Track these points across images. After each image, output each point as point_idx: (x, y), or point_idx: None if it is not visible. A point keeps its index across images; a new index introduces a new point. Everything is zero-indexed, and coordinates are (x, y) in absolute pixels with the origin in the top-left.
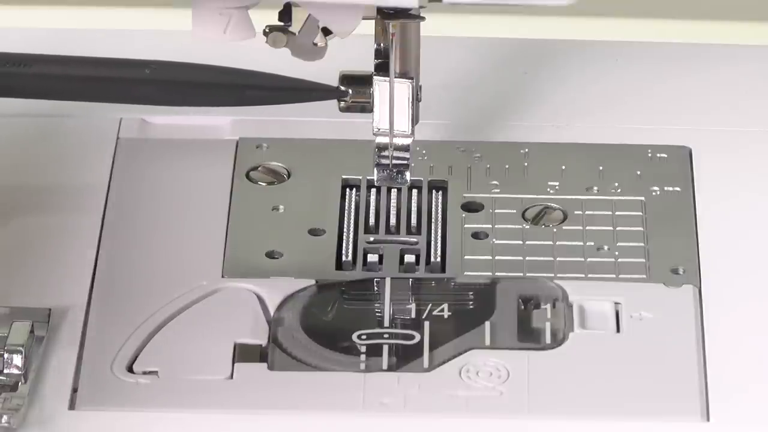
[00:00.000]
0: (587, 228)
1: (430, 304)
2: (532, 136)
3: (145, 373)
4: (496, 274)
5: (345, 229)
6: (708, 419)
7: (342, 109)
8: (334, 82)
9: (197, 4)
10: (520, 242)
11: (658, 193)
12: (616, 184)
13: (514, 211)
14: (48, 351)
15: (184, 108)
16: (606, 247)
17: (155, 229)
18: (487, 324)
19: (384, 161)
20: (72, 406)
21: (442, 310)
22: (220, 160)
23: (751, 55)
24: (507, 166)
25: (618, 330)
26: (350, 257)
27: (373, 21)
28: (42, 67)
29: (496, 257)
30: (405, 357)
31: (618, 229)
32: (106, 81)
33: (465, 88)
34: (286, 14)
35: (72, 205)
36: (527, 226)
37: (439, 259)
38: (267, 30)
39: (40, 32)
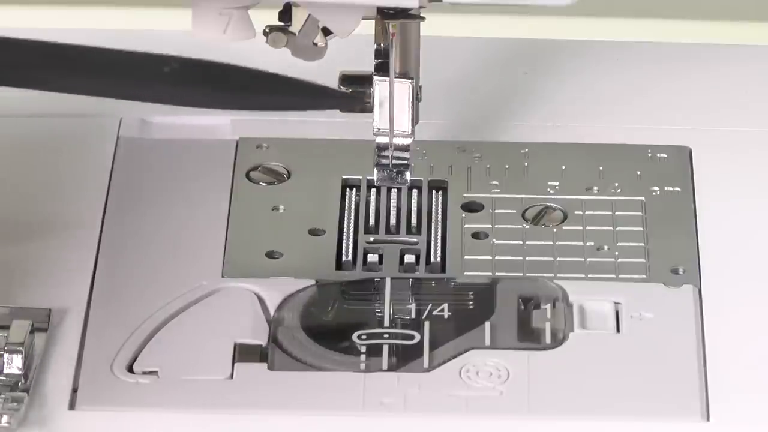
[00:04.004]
0: (587, 228)
1: (430, 304)
2: (532, 136)
3: (145, 373)
4: (496, 274)
5: (345, 229)
6: (708, 419)
7: (342, 109)
8: (334, 82)
9: (197, 4)
10: (520, 242)
11: (658, 193)
12: (616, 184)
13: (514, 211)
14: (48, 351)
15: (185, 108)
16: (606, 247)
17: (155, 230)
18: (487, 324)
19: (384, 161)
20: (72, 406)
21: (442, 310)
22: (220, 160)
23: (751, 55)
24: (507, 166)
25: (618, 330)
26: (350, 257)
27: (373, 21)
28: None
29: (496, 257)
30: (405, 357)
31: (618, 229)
32: (120, 77)
33: (465, 88)
34: (286, 14)
35: (72, 206)
36: (527, 226)
37: (439, 259)
38: (267, 30)
39: (38, 32)
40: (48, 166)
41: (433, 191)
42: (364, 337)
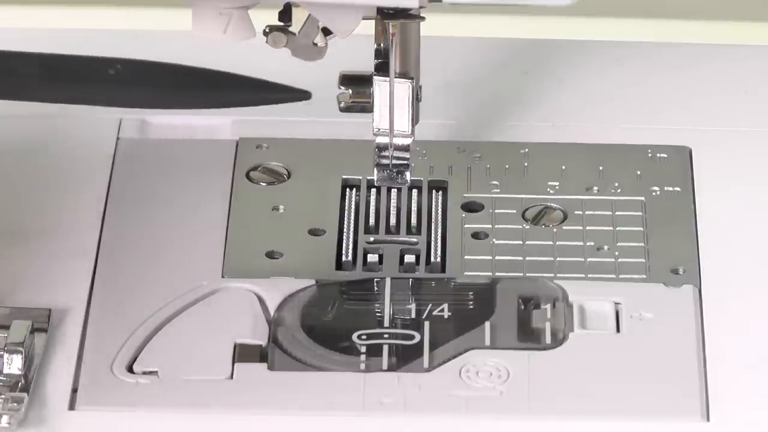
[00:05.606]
0: (587, 228)
1: (430, 304)
2: (532, 136)
3: (145, 373)
4: (496, 274)
5: (345, 229)
6: (708, 419)
7: (342, 109)
8: (334, 81)
9: (197, 4)
10: (520, 242)
11: (658, 193)
12: (616, 184)
13: (514, 211)
14: (48, 351)
15: (184, 108)
16: (606, 247)
17: (155, 230)
18: (487, 324)
19: (384, 161)
20: (72, 406)
21: (442, 310)
22: (220, 160)
23: (751, 55)
24: (507, 166)
25: (618, 330)
26: (350, 257)
27: (373, 21)
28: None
29: (496, 257)
30: (405, 357)
31: (618, 229)
32: (68, 79)
33: (465, 88)
34: (286, 14)
35: (72, 205)
36: (527, 226)
37: (439, 259)
38: (267, 30)
39: (37, 32)
40: (48, 166)
41: (433, 191)
42: (364, 337)
